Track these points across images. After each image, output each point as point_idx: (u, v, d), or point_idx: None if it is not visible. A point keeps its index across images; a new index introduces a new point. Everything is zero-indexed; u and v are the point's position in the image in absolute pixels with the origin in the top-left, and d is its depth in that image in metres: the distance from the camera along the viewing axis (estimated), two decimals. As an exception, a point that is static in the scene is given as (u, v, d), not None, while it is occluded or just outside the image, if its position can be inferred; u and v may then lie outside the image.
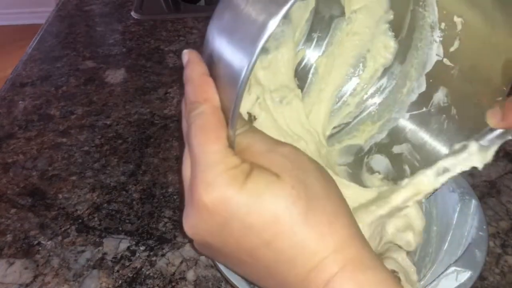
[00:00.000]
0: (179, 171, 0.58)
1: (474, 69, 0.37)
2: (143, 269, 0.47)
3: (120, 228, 0.52)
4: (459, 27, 0.37)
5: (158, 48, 0.87)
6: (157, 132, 0.66)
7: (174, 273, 0.47)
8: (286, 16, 0.25)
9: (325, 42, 0.43)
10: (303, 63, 0.43)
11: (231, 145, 0.26)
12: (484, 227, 0.41)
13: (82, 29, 0.95)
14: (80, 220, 0.53)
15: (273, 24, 0.22)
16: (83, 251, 0.49)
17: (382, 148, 0.43)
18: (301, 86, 0.42)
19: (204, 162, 0.25)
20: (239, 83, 0.24)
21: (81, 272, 0.47)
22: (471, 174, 0.58)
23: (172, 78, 0.78)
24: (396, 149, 0.42)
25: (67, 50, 0.87)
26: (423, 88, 0.40)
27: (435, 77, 0.40)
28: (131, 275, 0.47)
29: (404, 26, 0.41)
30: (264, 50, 0.38)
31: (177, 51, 0.86)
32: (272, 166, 0.26)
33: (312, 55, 0.43)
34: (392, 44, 0.41)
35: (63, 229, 0.52)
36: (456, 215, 0.42)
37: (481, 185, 0.56)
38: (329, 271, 0.25)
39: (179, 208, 0.54)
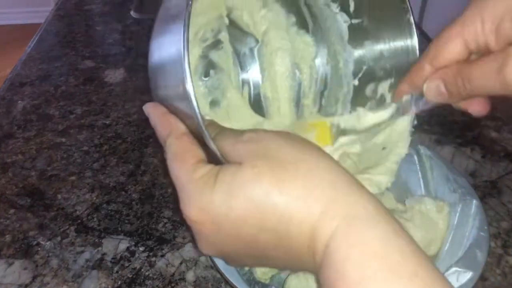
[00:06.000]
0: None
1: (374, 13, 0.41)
2: (142, 269, 0.47)
3: (120, 229, 0.52)
4: None
5: (158, 48, 0.86)
6: (156, 132, 0.66)
7: (173, 273, 0.47)
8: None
9: (259, 70, 0.48)
10: (252, 97, 0.48)
11: (214, 153, 0.28)
12: (485, 227, 0.40)
13: (81, 29, 0.95)
14: (79, 221, 0.53)
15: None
16: (82, 252, 0.49)
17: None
18: (262, 115, 0.47)
19: (179, 185, 0.28)
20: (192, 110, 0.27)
21: (80, 272, 0.47)
22: (472, 174, 0.58)
23: (172, 78, 0.77)
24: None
25: (66, 49, 0.87)
26: (354, 55, 0.44)
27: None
28: (130, 276, 0.47)
29: (307, 19, 0.46)
30: (215, 103, 0.44)
31: (177, 50, 0.86)
32: (236, 157, 0.27)
33: (255, 86, 0.48)
34: (308, 39, 0.46)
35: (62, 229, 0.52)
36: (457, 215, 0.42)
37: (482, 186, 0.56)
38: (324, 234, 0.23)
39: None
